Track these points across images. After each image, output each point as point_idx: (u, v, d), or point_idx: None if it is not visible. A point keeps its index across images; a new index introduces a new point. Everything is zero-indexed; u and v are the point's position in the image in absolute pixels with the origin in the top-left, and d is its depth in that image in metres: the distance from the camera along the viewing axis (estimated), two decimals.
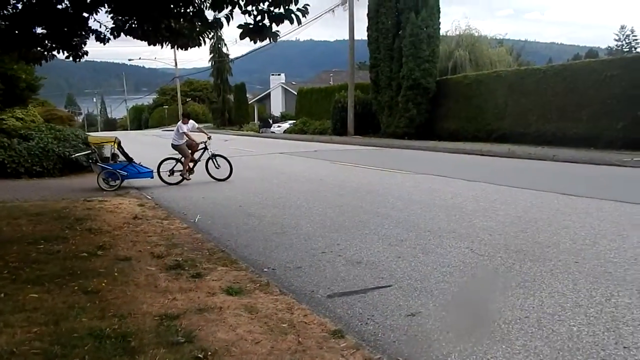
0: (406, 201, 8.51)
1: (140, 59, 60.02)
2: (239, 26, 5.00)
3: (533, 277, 4.63)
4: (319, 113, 34.38)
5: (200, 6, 5.37)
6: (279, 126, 38.76)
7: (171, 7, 5.25)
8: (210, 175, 12.02)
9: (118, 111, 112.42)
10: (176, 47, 6.20)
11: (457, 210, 7.66)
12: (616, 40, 76.09)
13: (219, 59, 50.85)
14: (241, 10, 4.96)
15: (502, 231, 6.30)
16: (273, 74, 58.96)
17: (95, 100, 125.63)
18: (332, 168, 13.95)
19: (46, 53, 7.97)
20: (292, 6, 4.85)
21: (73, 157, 13.05)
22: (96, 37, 7.12)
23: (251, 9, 4.89)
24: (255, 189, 10.70)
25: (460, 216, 7.23)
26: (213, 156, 12.08)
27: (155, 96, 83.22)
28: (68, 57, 7.67)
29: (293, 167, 13.93)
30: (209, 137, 12.48)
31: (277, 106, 52.58)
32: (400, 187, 10.03)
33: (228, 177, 11.87)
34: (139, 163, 11.66)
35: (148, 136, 41.90)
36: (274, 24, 4.96)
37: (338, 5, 27.12)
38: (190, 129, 12.37)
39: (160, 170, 11.99)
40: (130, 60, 60.53)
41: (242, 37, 5.00)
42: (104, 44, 7.15)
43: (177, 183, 11.89)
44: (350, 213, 7.79)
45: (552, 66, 20.16)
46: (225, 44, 50.98)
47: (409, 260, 5.30)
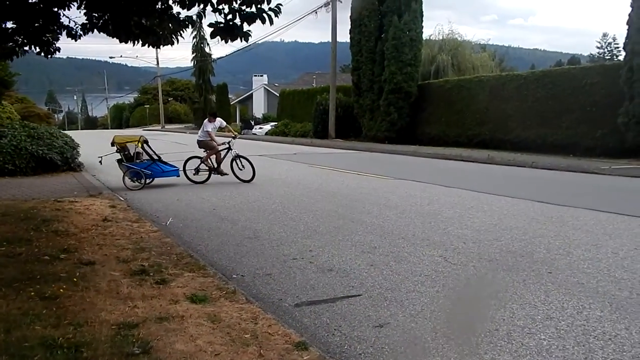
0: (382, 207, 8.44)
1: (121, 57, 59.14)
2: (210, 25, 4.89)
3: (505, 288, 4.56)
4: (301, 115, 34.21)
5: (167, 3, 5.22)
6: (261, 128, 38.51)
7: (139, 3, 5.09)
8: (235, 175, 11.78)
9: (99, 109, 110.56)
10: (148, 45, 6.03)
11: (433, 217, 7.60)
12: (598, 47, 76.11)
13: (202, 59, 50.32)
14: (212, 8, 4.84)
15: (477, 239, 6.24)
16: (255, 75, 58.64)
17: (75, 98, 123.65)
18: (310, 172, 13.85)
19: (17, 49, 7.77)
20: (264, 5, 4.74)
21: (98, 159, 12.38)
22: (67, 33, 6.97)
23: (222, 7, 4.76)
24: (230, 192, 10.53)
25: (435, 223, 7.17)
26: (237, 157, 11.82)
27: (136, 95, 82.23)
28: (40, 53, 7.48)
29: (271, 170, 13.76)
30: (234, 137, 12.41)
31: (260, 107, 52.32)
32: (376, 192, 9.96)
33: (252, 179, 11.60)
34: (164, 162, 11.66)
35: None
36: (246, 23, 4.85)
37: (321, 6, 27.02)
38: (215, 128, 12.30)
39: (186, 168, 11.86)
40: (111, 58, 59.79)
41: (213, 36, 4.89)
42: (75, 40, 7.01)
43: (204, 181, 11.80)
44: (324, 218, 7.70)
45: (533, 72, 20.22)
46: (208, 44, 50.31)
47: (381, 268, 5.21)
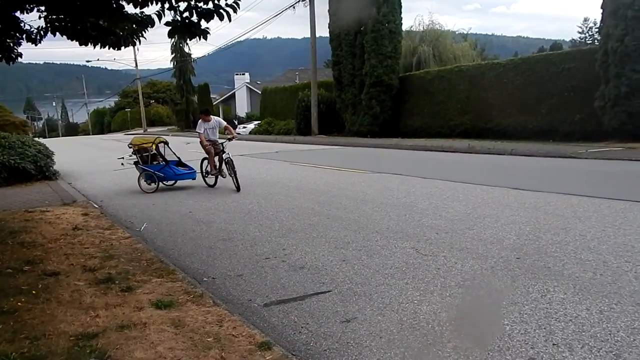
0: (358, 201, 8.40)
1: (99, 60, 58.18)
2: (167, 23, 4.79)
3: (473, 276, 4.60)
4: (284, 113, 34.08)
5: (118, 2, 5.10)
6: (245, 127, 38.25)
7: (91, 3, 4.96)
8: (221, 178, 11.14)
9: (79, 115, 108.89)
10: (108, 47, 5.90)
11: (408, 209, 7.59)
12: (580, 32, 75.27)
13: (181, 59, 49.78)
14: (169, 5, 4.73)
15: (450, 229, 6.27)
16: (237, 74, 58.16)
17: (55, 104, 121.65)
18: (291, 169, 13.75)
19: None
20: (221, 1, 4.64)
21: (120, 160, 12.26)
22: (27, 38, 6.79)
23: (177, 5, 4.66)
24: (208, 194, 10.43)
25: (410, 215, 7.17)
26: (227, 162, 10.60)
27: (117, 99, 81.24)
28: (1, 60, 7.30)
29: (251, 170, 13.65)
30: (230, 139, 11.23)
31: (243, 106, 51.98)
32: (354, 187, 9.92)
33: (237, 189, 10.34)
34: (183, 164, 11.32)
35: (107, 140, 41.00)
36: (203, 21, 4.75)
37: (298, 1, 26.78)
38: (213, 129, 11.16)
39: (202, 170, 11.40)
40: (88, 61, 58.91)
41: (171, 35, 4.80)
42: (35, 45, 6.86)
43: (214, 185, 11.28)
44: (300, 216, 7.63)
45: (512, 60, 20.27)
46: (187, 44, 49.81)
47: (353, 263, 5.18)
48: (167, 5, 4.79)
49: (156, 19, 5.26)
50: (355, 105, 24.97)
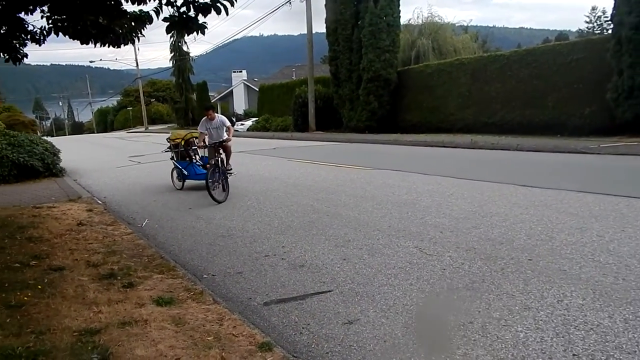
0: (358, 198, 8.34)
1: (101, 61, 58.59)
2: (165, 19, 4.78)
3: (482, 278, 4.40)
4: (281, 109, 34.03)
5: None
6: (242, 124, 38.22)
7: (89, 1, 4.96)
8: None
9: (84, 114, 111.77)
10: (108, 45, 5.90)
11: (410, 206, 7.48)
12: (587, 22, 73.19)
13: (180, 58, 49.86)
14: (166, 1, 4.72)
15: (455, 228, 6.07)
16: (235, 71, 58.07)
17: (61, 104, 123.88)
18: (289, 166, 13.71)
19: None
20: None
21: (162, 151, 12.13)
22: (31, 38, 6.87)
23: (173, 0, 4.65)
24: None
25: (412, 213, 7.05)
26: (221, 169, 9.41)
27: (119, 98, 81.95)
28: (8, 60, 7.39)
29: (248, 167, 13.61)
30: (224, 141, 9.88)
31: (240, 103, 51.89)
32: (354, 184, 9.86)
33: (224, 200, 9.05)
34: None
35: (110, 138, 41.10)
36: (201, 15, 4.73)
37: None
38: (217, 129, 9.97)
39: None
40: (91, 62, 59.54)
41: (169, 31, 4.79)
42: (40, 45, 7.00)
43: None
44: (299, 213, 7.61)
45: (516, 51, 19.79)
46: (185, 42, 49.95)
47: (354, 262, 5.13)
48: (165, 0, 4.77)
49: (154, 16, 5.26)
50: (352, 100, 24.79)
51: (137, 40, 5.87)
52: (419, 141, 18.55)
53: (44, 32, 6.21)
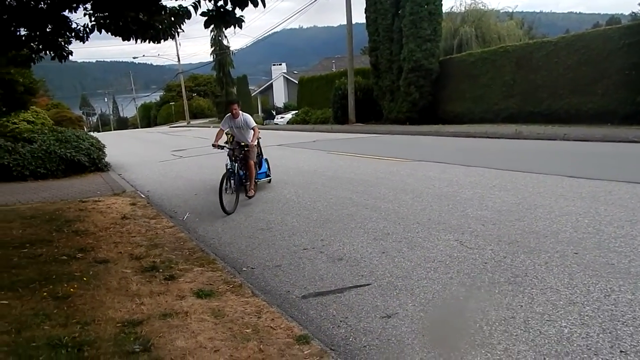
0: (398, 191, 8.23)
1: (144, 57, 60.17)
2: (202, 14, 4.84)
3: (525, 272, 4.29)
4: (321, 102, 33.95)
5: None
6: (282, 117, 38.49)
7: None
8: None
9: (128, 110, 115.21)
10: (148, 41, 6.03)
11: (451, 199, 7.34)
12: None
13: (220, 52, 50.47)
14: None
15: (497, 220, 5.92)
16: (274, 64, 58.39)
17: (106, 100, 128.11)
18: (328, 159, 13.68)
19: (33, 55, 7.94)
20: None
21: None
22: (75, 36, 7.05)
23: None
24: None
25: (452, 205, 6.91)
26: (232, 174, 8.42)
27: (162, 93, 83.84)
28: (54, 58, 7.64)
29: (288, 160, 13.69)
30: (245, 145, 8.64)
31: (280, 97, 52.22)
32: (393, 176, 9.73)
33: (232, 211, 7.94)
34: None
35: (152, 133, 42.12)
36: (238, 9, 4.74)
37: None
38: (239, 128, 8.74)
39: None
40: (134, 58, 60.76)
41: (207, 25, 4.83)
42: (83, 42, 7.12)
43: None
44: (338, 206, 7.58)
45: (564, 37, 18.97)
46: (225, 36, 50.46)
47: (393, 255, 5.08)
48: None
49: (192, 10, 5.32)
50: (393, 91, 24.42)
51: (177, 35, 5.97)
52: (461, 132, 18.11)
53: (87, 30, 6.37)
